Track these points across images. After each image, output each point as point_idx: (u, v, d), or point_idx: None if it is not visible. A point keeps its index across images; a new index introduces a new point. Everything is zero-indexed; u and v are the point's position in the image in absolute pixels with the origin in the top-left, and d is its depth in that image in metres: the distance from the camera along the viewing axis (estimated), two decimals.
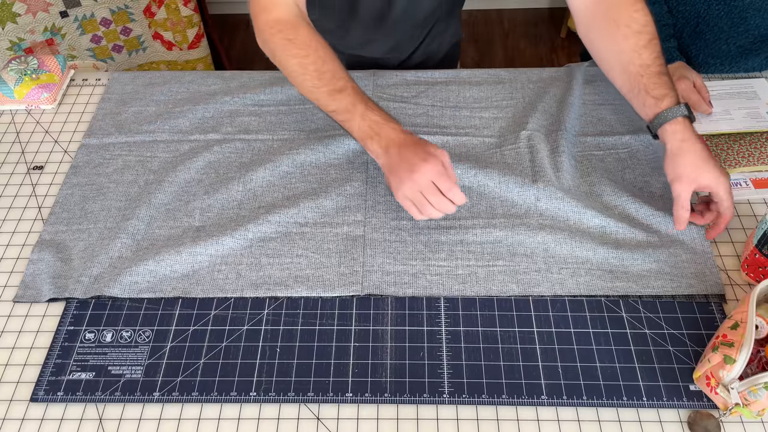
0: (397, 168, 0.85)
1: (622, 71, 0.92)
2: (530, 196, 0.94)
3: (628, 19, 0.91)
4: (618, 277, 0.86)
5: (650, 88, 0.89)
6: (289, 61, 0.91)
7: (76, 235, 0.92)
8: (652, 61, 0.89)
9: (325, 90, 0.90)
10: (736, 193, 0.96)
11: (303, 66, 0.90)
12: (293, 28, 0.92)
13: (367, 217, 0.93)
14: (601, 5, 0.94)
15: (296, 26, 0.92)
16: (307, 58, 0.90)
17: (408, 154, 0.85)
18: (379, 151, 0.88)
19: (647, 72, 0.89)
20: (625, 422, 0.74)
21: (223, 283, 0.86)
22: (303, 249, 0.90)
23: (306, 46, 0.91)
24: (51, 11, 1.79)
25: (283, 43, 0.91)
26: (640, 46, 0.90)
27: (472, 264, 0.88)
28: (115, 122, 1.08)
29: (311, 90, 0.91)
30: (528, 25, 2.63)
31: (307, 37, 0.91)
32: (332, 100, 0.90)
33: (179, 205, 0.96)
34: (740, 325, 0.72)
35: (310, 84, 0.91)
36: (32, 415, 0.76)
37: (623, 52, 0.91)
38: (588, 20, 0.96)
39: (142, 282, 0.86)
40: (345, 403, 0.76)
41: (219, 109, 1.09)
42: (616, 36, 0.91)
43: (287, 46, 0.91)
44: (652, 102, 0.88)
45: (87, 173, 1.01)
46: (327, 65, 0.90)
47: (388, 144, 0.87)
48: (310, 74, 0.90)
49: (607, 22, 0.93)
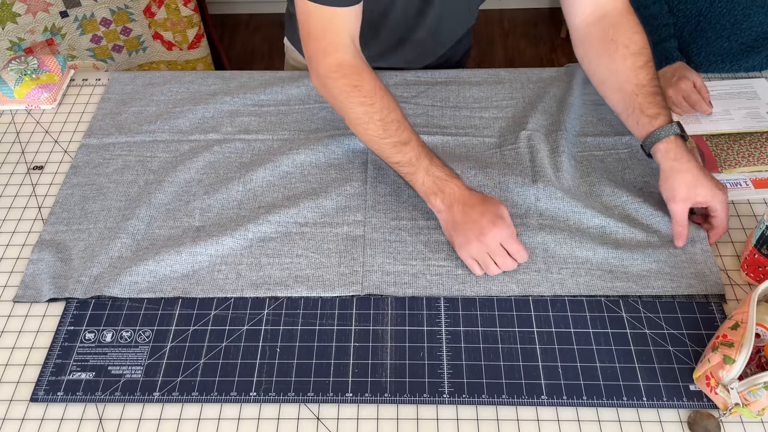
0: (463, 227, 0.85)
1: (618, 89, 0.93)
2: (530, 196, 0.94)
3: (627, 40, 0.92)
4: (618, 277, 0.86)
5: (645, 107, 0.90)
6: (354, 109, 0.88)
7: (76, 235, 0.92)
8: (648, 82, 0.91)
9: (389, 141, 0.88)
10: (736, 193, 0.96)
11: (369, 114, 0.88)
12: (357, 73, 0.88)
13: (367, 217, 0.93)
14: (600, 24, 0.95)
15: (360, 71, 0.88)
16: (373, 107, 0.87)
17: (475, 214, 0.84)
18: (441, 207, 0.87)
19: (642, 92, 0.91)
20: (625, 422, 0.74)
21: (223, 283, 0.86)
22: (303, 249, 0.90)
23: (372, 93, 0.88)
24: (51, 11, 1.79)
25: (347, 89, 0.88)
26: (638, 66, 0.91)
27: None
28: (115, 122, 1.08)
29: (374, 139, 0.89)
30: (528, 25, 2.63)
31: (372, 83, 0.88)
32: (396, 152, 0.88)
33: (179, 205, 0.95)
34: (740, 326, 0.72)
35: (374, 134, 0.88)
36: (32, 415, 0.76)
37: (620, 71, 0.92)
38: (586, 37, 0.97)
39: (142, 282, 0.86)
40: (345, 403, 0.76)
41: (219, 109, 1.09)
42: (615, 55, 0.93)
43: (352, 92, 0.88)
44: (645, 120, 0.90)
45: (87, 173, 1.01)
46: (392, 114, 0.88)
47: (452, 202, 0.86)
48: (374, 123, 0.88)
49: (606, 42, 0.94)
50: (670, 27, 1.11)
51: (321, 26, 0.87)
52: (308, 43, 0.90)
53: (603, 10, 0.95)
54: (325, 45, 0.88)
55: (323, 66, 0.89)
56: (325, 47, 0.88)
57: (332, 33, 0.88)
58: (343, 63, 0.88)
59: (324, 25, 0.87)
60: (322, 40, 0.88)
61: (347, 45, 0.89)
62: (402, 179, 0.91)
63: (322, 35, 0.88)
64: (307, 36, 0.89)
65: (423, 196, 0.89)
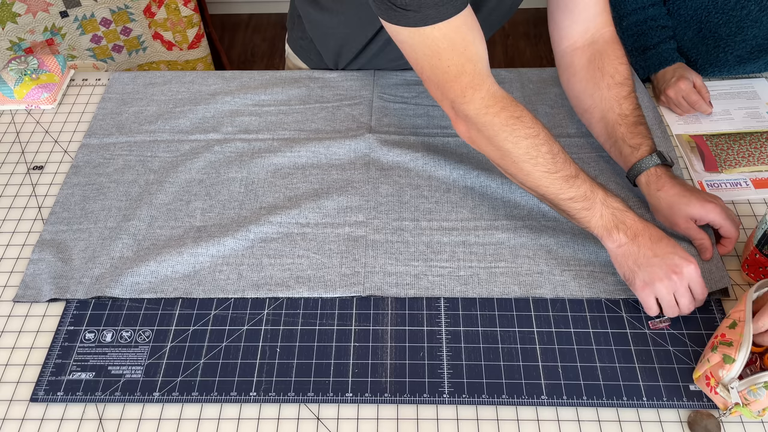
0: (649, 263, 0.77)
1: (601, 118, 0.94)
2: (532, 197, 0.93)
3: (613, 71, 0.93)
4: (620, 281, 0.85)
5: (627, 138, 0.90)
6: (520, 143, 0.78)
7: (77, 235, 0.92)
8: (631, 112, 0.91)
9: (560, 176, 0.79)
10: (736, 193, 0.96)
11: (535, 147, 0.78)
12: (513, 102, 0.80)
13: (369, 217, 0.93)
14: (587, 52, 0.95)
15: (513, 101, 0.80)
16: (538, 138, 0.78)
17: (664, 249, 0.78)
18: (624, 240, 0.79)
19: (625, 122, 0.91)
20: (625, 422, 0.74)
21: (225, 284, 0.86)
22: (304, 249, 0.90)
23: (534, 123, 0.79)
24: (51, 11, 1.79)
25: (510, 121, 0.78)
26: (621, 96, 0.92)
27: (474, 265, 0.87)
28: (116, 122, 1.08)
29: (543, 175, 0.79)
30: (528, 25, 2.63)
31: (528, 111, 0.80)
32: (569, 187, 0.79)
33: (180, 205, 0.95)
34: (738, 324, 0.72)
35: (543, 169, 0.79)
36: (32, 415, 0.76)
37: (604, 99, 0.93)
38: (571, 64, 0.97)
39: (143, 282, 0.86)
40: (345, 403, 0.76)
41: (219, 109, 1.09)
42: (600, 84, 0.93)
43: (516, 125, 0.78)
44: (628, 151, 0.90)
45: (87, 173, 1.00)
46: (556, 146, 0.80)
47: (636, 233, 0.78)
48: (542, 157, 0.78)
49: (592, 70, 0.94)
50: (668, 29, 1.11)
51: (455, 59, 0.76)
52: (447, 85, 0.78)
53: (591, 38, 0.95)
54: (471, 78, 0.78)
55: (475, 104, 0.78)
56: (471, 80, 0.78)
57: (470, 63, 0.77)
58: (496, 94, 0.79)
59: (457, 57, 0.76)
60: (463, 74, 0.77)
61: (489, 73, 0.79)
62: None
63: (462, 69, 0.77)
64: (443, 76, 0.77)
65: (600, 231, 0.80)
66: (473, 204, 0.94)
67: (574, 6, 0.93)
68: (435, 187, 0.96)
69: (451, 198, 0.95)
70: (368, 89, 1.11)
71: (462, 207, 0.94)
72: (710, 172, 0.98)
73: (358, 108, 1.09)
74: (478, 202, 0.94)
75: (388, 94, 1.11)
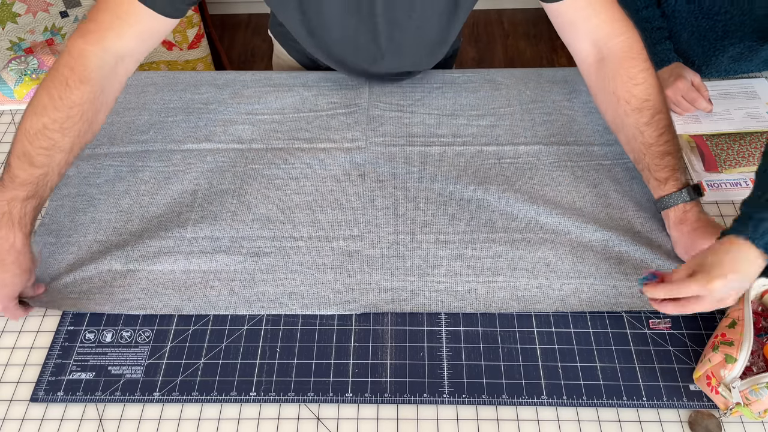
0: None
1: (626, 142, 0.91)
2: (531, 209, 0.92)
3: (628, 95, 0.87)
4: (622, 293, 0.84)
5: (653, 169, 0.87)
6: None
7: (65, 248, 0.90)
8: (655, 140, 0.87)
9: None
10: (736, 193, 0.96)
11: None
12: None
13: (364, 231, 0.91)
14: (600, 74, 0.91)
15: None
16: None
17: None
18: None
19: (650, 152, 0.87)
20: (625, 422, 0.74)
21: (216, 300, 0.84)
22: (298, 264, 0.88)
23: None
24: (51, 11, 1.79)
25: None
26: (642, 123, 0.87)
27: (472, 280, 0.85)
28: (107, 132, 1.06)
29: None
30: (528, 25, 2.63)
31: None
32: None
33: (171, 217, 0.93)
34: (738, 323, 0.72)
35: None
36: (32, 415, 0.76)
37: (626, 126, 0.89)
38: (589, 86, 0.94)
39: (133, 299, 0.84)
40: (345, 403, 0.76)
41: (212, 118, 1.07)
42: (618, 110, 0.89)
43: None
44: (655, 184, 0.87)
45: (77, 183, 0.98)
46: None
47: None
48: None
49: (608, 95, 0.90)
50: (664, 30, 1.11)
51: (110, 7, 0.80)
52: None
53: (600, 53, 0.90)
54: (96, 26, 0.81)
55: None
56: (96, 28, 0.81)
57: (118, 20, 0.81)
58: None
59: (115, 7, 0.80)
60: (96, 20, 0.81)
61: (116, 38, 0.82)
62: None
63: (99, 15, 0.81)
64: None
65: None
66: (470, 216, 0.92)
67: (576, 18, 0.89)
68: (431, 200, 0.95)
69: (447, 210, 0.93)
70: (363, 97, 1.10)
71: (459, 219, 0.92)
72: (710, 172, 0.98)
73: (353, 116, 1.07)
74: (475, 214, 0.93)
75: (384, 102, 1.09)
